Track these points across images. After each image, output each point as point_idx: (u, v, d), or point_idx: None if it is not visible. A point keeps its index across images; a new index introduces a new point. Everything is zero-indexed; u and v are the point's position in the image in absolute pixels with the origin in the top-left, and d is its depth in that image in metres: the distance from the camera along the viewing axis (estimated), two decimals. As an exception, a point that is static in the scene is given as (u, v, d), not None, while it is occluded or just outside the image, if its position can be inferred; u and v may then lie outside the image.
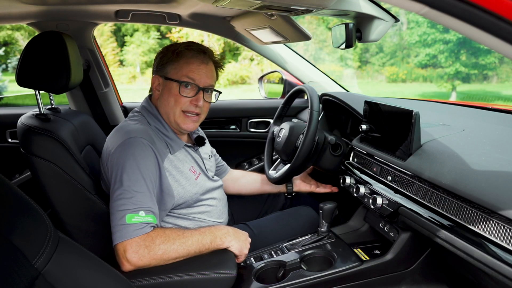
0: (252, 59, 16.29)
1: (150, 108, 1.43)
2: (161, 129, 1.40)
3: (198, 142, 1.54)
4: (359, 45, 9.20)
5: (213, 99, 1.48)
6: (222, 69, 1.51)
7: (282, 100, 1.92)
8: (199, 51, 1.40)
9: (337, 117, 2.01)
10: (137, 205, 1.19)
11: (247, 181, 1.81)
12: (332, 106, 1.93)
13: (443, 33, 14.43)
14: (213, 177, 1.57)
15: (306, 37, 1.69)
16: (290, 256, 1.37)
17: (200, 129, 1.64)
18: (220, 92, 1.50)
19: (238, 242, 1.30)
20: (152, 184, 1.25)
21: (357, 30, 1.43)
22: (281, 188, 1.79)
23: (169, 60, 1.40)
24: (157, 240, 1.17)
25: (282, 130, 1.78)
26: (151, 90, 1.47)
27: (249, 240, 1.37)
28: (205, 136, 1.62)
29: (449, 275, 1.34)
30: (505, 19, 0.62)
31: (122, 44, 17.49)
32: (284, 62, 2.34)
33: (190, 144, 1.49)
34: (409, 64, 17.05)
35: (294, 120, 2.32)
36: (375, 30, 1.39)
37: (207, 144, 1.64)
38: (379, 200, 1.27)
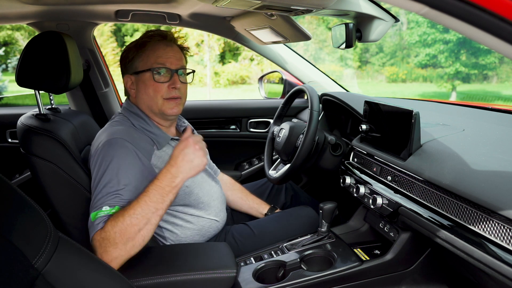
0: (252, 59, 16.29)
1: (131, 108, 1.44)
2: (145, 126, 1.40)
3: None
4: (359, 45, 9.20)
5: (189, 80, 1.47)
6: (188, 51, 1.49)
7: (282, 100, 1.92)
8: (160, 36, 1.40)
9: (337, 117, 2.01)
10: (100, 201, 1.18)
11: (231, 194, 1.78)
12: (332, 106, 1.93)
13: (443, 33, 14.43)
14: (209, 169, 1.57)
15: (306, 37, 1.69)
16: (290, 256, 1.37)
17: (186, 121, 1.64)
18: (193, 71, 1.49)
19: (189, 170, 1.20)
20: (129, 179, 1.22)
21: (357, 30, 1.43)
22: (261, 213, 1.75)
23: (135, 55, 1.40)
24: (108, 227, 1.13)
25: (282, 130, 1.78)
26: (126, 93, 1.47)
27: (198, 145, 1.23)
28: (192, 127, 1.61)
29: (449, 275, 1.34)
30: (505, 19, 0.62)
31: (122, 44, 17.47)
32: (284, 62, 2.34)
33: (177, 138, 1.48)
34: (409, 64, 17.05)
35: (294, 120, 2.32)
36: (375, 30, 1.39)
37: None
38: (379, 200, 1.26)
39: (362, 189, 1.37)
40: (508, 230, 0.85)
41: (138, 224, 1.12)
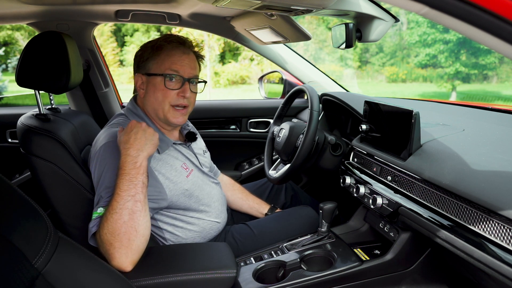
0: (252, 59, 16.29)
1: (134, 110, 1.43)
2: None
3: (189, 138, 1.54)
4: (359, 45, 9.20)
5: (199, 90, 1.46)
6: (203, 59, 1.49)
7: (282, 100, 1.92)
8: (178, 42, 1.40)
9: (337, 117, 2.01)
10: (97, 204, 1.20)
11: (231, 194, 1.78)
12: (332, 106, 1.93)
13: (443, 33, 14.44)
14: (209, 172, 1.57)
15: (306, 37, 1.69)
16: (290, 256, 1.37)
17: (190, 124, 1.63)
18: (205, 82, 1.48)
19: (146, 146, 1.18)
20: None
21: (357, 30, 1.43)
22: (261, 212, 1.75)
23: (150, 56, 1.39)
24: (100, 230, 1.14)
25: (282, 130, 1.78)
26: (135, 90, 1.47)
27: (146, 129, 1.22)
28: (196, 131, 1.61)
29: (449, 275, 1.34)
30: (505, 19, 0.62)
31: (122, 44, 17.48)
32: (284, 62, 2.34)
33: (180, 142, 1.48)
34: (409, 64, 17.06)
35: (294, 120, 2.32)
36: (375, 30, 1.39)
37: (200, 140, 1.63)
38: (379, 200, 1.26)
39: (362, 189, 1.37)
40: (508, 230, 0.85)
41: (122, 218, 1.11)
